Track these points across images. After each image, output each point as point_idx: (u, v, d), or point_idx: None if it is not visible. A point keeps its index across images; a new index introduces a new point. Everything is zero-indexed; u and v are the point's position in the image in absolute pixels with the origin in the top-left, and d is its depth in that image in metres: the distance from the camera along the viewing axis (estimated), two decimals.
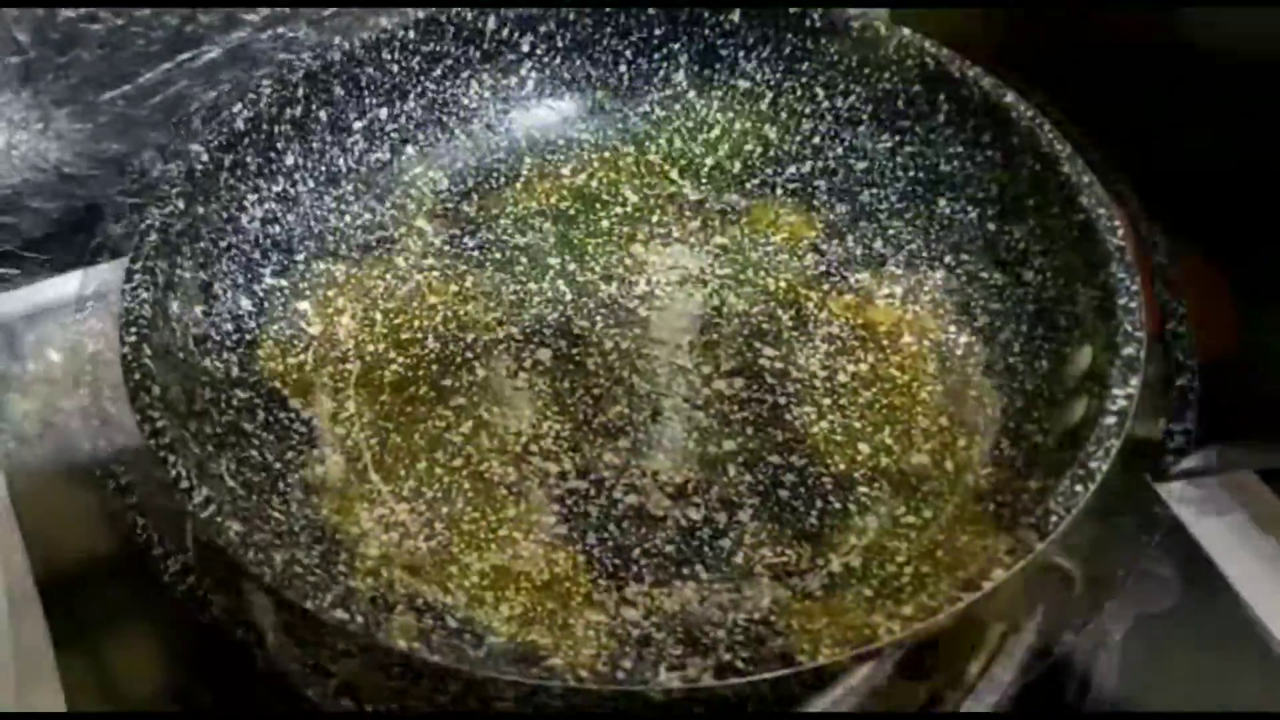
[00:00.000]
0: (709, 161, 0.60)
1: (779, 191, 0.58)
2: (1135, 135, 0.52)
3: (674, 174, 0.59)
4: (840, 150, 0.58)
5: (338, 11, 0.64)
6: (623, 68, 0.60)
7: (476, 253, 0.56)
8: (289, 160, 0.53)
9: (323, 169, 0.55)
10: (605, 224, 0.57)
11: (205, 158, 0.48)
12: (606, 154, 0.60)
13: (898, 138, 0.57)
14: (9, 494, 0.55)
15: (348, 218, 0.56)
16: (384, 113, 0.56)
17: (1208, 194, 0.54)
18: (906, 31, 0.55)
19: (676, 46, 0.59)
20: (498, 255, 0.56)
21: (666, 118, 0.60)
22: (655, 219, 0.58)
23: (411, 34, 0.55)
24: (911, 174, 0.56)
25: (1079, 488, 0.38)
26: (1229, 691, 0.50)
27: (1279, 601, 0.51)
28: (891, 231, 0.56)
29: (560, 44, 0.58)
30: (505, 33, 0.57)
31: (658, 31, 0.59)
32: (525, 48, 0.58)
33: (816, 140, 0.59)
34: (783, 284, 0.55)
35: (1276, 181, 0.52)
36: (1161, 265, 0.53)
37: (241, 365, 0.48)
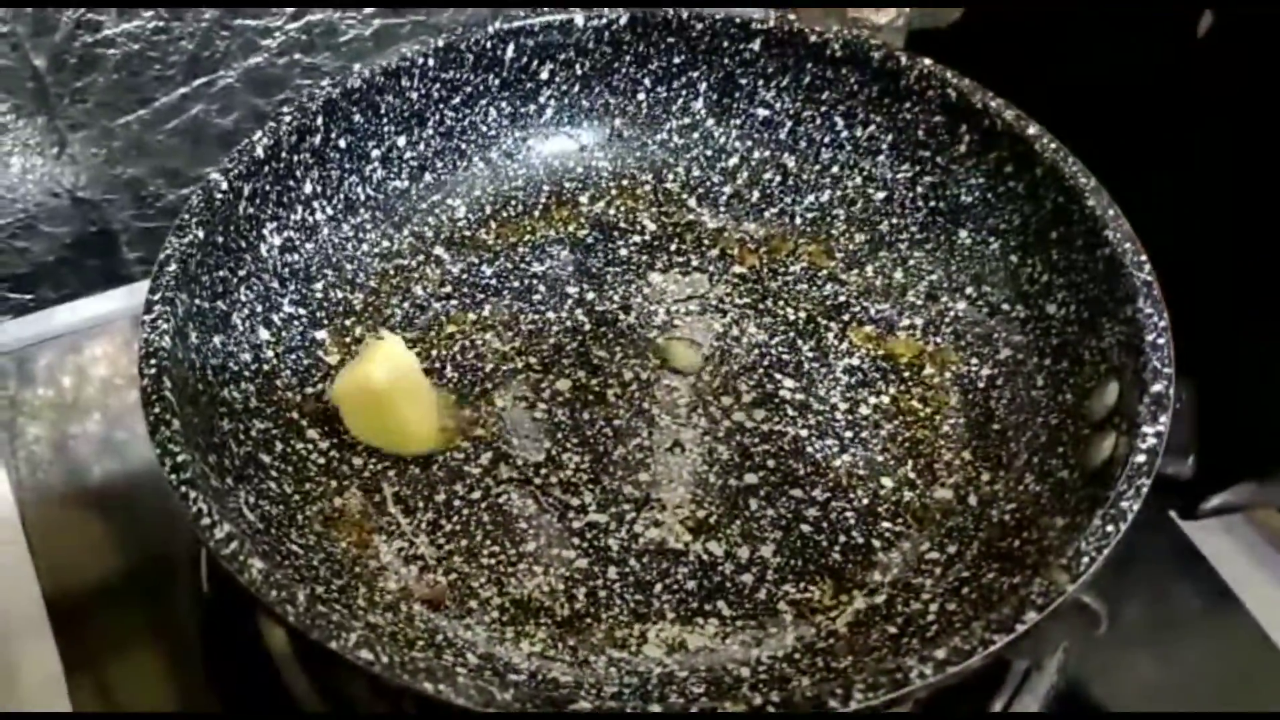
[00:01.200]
0: (727, 190, 0.59)
1: (798, 220, 0.58)
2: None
3: (692, 202, 0.59)
4: (859, 180, 0.58)
5: (356, 37, 0.64)
6: (641, 96, 0.59)
7: (494, 281, 0.56)
8: (308, 188, 0.53)
9: (341, 197, 0.54)
10: (624, 252, 0.57)
11: (224, 186, 0.48)
12: (625, 182, 0.60)
13: (918, 168, 0.56)
14: (20, 518, 0.55)
15: (365, 246, 0.55)
16: (402, 140, 0.56)
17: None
18: (928, 62, 0.54)
19: (695, 75, 0.59)
20: (516, 284, 0.56)
21: (685, 146, 0.60)
22: (674, 247, 0.57)
23: (431, 61, 0.55)
24: (932, 204, 0.56)
25: (1110, 528, 0.38)
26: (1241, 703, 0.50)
27: None
28: (912, 262, 0.56)
29: (579, 72, 0.58)
30: (524, 61, 0.57)
31: (677, 60, 0.58)
32: (544, 75, 0.58)
33: (835, 169, 0.58)
34: (802, 314, 0.55)
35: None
36: None
37: (259, 395, 0.48)
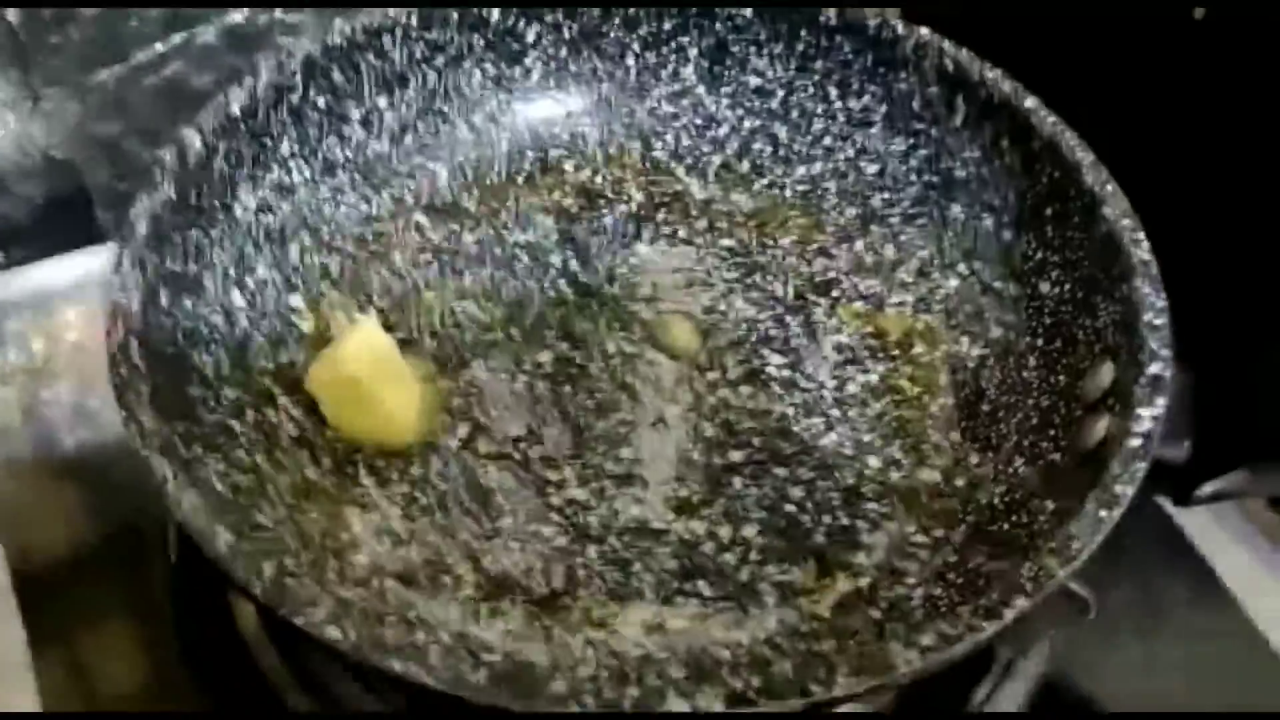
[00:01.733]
0: (717, 160, 0.58)
1: (788, 193, 0.57)
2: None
3: (680, 172, 0.58)
4: (852, 152, 0.57)
5: None
6: (630, 61, 0.58)
7: (476, 249, 0.54)
8: (285, 148, 0.51)
9: (319, 158, 0.53)
10: (609, 222, 0.56)
11: (199, 144, 0.47)
12: (612, 150, 0.58)
13: (911, 140, 0.55)
14: None
15: (343, 209, 0.54)
16: (383, 101, 0.54)
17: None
18: (925, 31, 0.53)
19: (686, 41, 0.57)
20: (498, 252, 0.54)
21: (674, 114, 0.59)
22: (661, 218, 0.56)
23: (414, 20, 0.53)
24: (925, 178, 0.55)
25: (1103, 513, 0.37)
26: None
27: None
28: (903, 238, 0.55)
29: (567, 35, 0.57)
30: (510, 22, 0.55)
31: (667, 25, 0.57)
32: (530, 38, 0.56)
33: (828, 141, 0.57)
34: (791, 289, 0.53)
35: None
36: None
37: (231, 361, 0.47)
